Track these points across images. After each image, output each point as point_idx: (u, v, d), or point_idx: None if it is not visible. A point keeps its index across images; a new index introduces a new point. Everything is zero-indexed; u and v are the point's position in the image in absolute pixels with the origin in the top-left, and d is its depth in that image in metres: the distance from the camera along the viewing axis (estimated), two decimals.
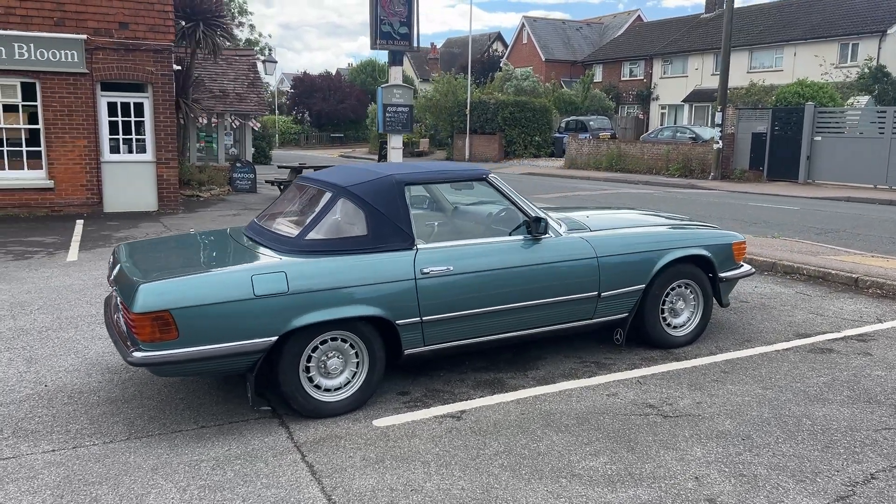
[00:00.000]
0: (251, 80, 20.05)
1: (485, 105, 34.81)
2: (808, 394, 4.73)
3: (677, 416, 4.41)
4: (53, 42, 13.52)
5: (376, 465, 3.87)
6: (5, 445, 4.15)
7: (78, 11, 13.70)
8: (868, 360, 5.36)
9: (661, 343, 5.61)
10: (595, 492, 3.56)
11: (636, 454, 3.95)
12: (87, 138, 14.14)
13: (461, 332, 4.80)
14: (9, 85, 13.57)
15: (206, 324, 4.07)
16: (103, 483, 3.71)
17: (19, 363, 5.50)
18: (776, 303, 7.01)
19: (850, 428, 4.22)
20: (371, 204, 4.63)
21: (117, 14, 13.97)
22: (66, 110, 13.93)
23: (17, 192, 13.85)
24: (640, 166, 26.01)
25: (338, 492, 3.60)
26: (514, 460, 3.89)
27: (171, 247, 5.26)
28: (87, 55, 13.80)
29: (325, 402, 4.46)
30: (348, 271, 4.42)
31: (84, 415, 4.56)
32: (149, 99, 14.56)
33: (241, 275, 4.22)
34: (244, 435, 4.27)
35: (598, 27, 54.89)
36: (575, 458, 3.92)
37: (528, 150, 34.63)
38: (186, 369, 4.18)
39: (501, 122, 34.11)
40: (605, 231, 5.45)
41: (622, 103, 45.27)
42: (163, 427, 4.39)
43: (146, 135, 14.70)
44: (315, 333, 4.36)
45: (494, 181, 5.13)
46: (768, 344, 5.76)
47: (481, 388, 4.92)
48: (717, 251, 5.71)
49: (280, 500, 3.53)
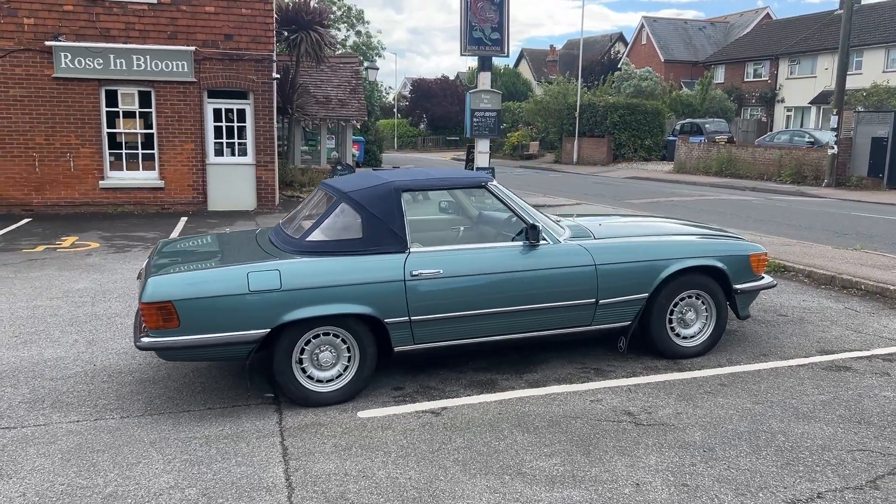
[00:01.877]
0: (353, 87, 20.89)
1: (594, 108, 34.40)
2: (798, 410, 4.62)
3: (650, 425, 4.45)
4: (166, 54, 14.74)
5: (343, 452, 4.17)
6: (41, 414, 4.77)
7: (188, 25, 14.87)
8: (882, 381, 5.12)
9: (669, 353, 5.59)
10: (531, 490, 3.70)
11: (589, 458, 4.04)
12: (195, 142, 15.31)
13: (451, 332, 5.02)
14: (128, 93, 14.93)
15: (205, 315, 4.51)
16: (105, 451, 4.22)
17: (81, 345, 6.20)
18: (816, 317, 6.75)
19: (823, 447, 4.12)
20: (367, 208, 4.94)
21: (223, 27, 15.05)
22: (177, 116, 15.14)
23: (133, 190, 15.20)
24: (751, 171, 24.95)
25: (298, 474, 3.93)
26: (469, 456, 4.09)
27: (200, 245, 5.78)
28: (195, 65, 14.95)
29: (317, 392, 4.81)
30: (340, 271, 4.75)
31: (114, 392, 5.14)
32: (250, 105, 15.57)
33: (239, 271, 4.64)
34: (240, 418, 4.69)
35: (723, 26, 52.79)
36: (528, 457, 4.06)
37: (639, 153, 33.92)
38: (187, 355, 4.65)
39: (610, 125, 33.61)
40: (609, 239, 5.50)
41: (744, 105, 43.35)
42: (175, 406, 4.89)
43: (247, 139, 15.71)
44: (307, 328, 4.72)
45: (494, 189, 5.30)
46: (784, 359, 5.61)
47: (472, 388, 5.12)
48: (731, 262, 5.61)
49: (245, 476, 3.91)
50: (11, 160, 14.49)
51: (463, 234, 6.10)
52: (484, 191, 5.36)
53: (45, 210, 14.67)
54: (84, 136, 14.76)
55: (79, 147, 14.77)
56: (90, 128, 14.75)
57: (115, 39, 14.51)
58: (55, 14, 14.23)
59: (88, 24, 14.37)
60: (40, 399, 5.01)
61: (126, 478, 3.90)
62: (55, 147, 14.65)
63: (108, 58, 14.47)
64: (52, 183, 14.75)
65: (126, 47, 14.52)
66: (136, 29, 14.63)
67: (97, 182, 14.95)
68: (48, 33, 14.23)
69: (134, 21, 14.60)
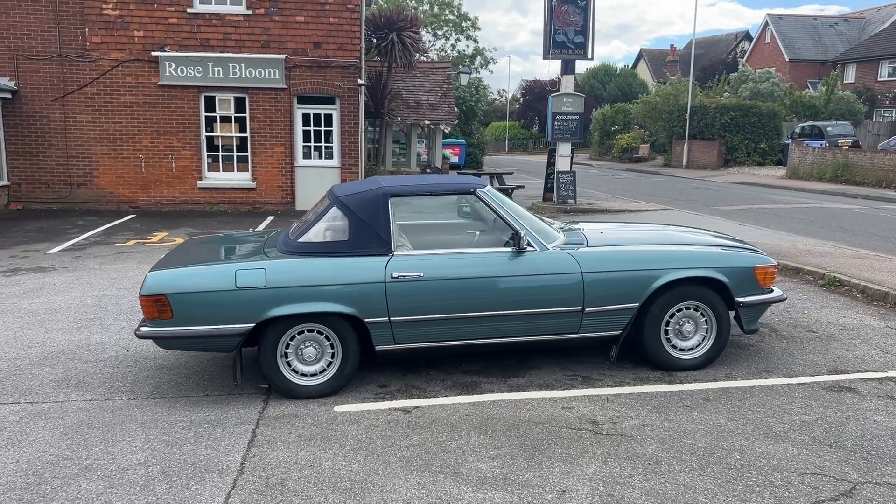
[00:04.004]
0: (444, 91, 21.25)
1: (705, 109, 33.16)
2: (771, 430, 4.45)
3: (609, 435, 4.42)
4: (260, 62, 15.63)
5: (304, 442, 4.43)
6: (62, 392, 5.31)
7: (280, 35, 15.69)
8: (881, 405, 4.82)
9: (664, 365, 5.48)
10: (458, 490, 3.81)
11: (530, 463, 4.09)
12: (284, 145, 16.13)
13: (432, 334, 5.17)
14: (224, 99, 15.94)
15: (196, 308, 4.89)
16: (100, 428, 4.67)
17: (126, 332, 6.79)
18: (848, 335, 6.37)
19: (776, 468, 3.96)
20: (355, 212, 5.18)
21: (312, 35, 15.77)
22: (268, 121, 16.01)
23: (227, 191, 16.21)
24: (868, 178, 23.32)
25: (254, 459, 4.21)
26: (416, 454, 4.23)
27: (213, 242, 6.20)
28: (286, 72, 15.76)
29: (301, 385, 5.09)
30: (323, 271, 5.01)
31: (132, 375, 5.64)
32: (337, 110, 16.23)
33: (229, 269, 4.99)
34: (229, 405, 5.04)
35: (858, 23, 49.43)
36: (472, 458, 4.16)
37: (752, 157, 32.39)
38: (180, 344, 5.05)
39: (721, 127, 32.30)
40: (601, 247, 5.46)
41: (877, 107, 40.43)
42: (178, 391, 5.31)
43: (333, 142, 16.38)
44: (291, 324, 5.01)
45: (483, 195, 5.40)
46: (788, 376, 5.37)
47: (453, 389, 5.24)
48: (733, 274, 5.43)
49: (206, 458, 4.23)
50: (121, 161, 15.81)
51: (479, 238, 6.20)
52: (471, 197, 5.46)
53: (149, 207, 15.90)
54: (185, 139, 15.88)
55: (180, 149, 15.91)
56: (190, 131, 15.86)
57: (213, 49, 15.54)
58: (162, 27, 15.41)
59: (190, 36, 15.46)
60: (68, 378, 5.57)
61: (106, 453, 4.32)
62: (159, 149, 15.85)
63: (207, 66, 15.50)
64: (155, 182, 15.96)
65: (223, 56, 15.51)
66: (233, 39, 15.60)
67: (195, 182, 16.05)
68: (155, 44, 15.43)
69: (231, 31, 15.57)
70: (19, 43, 15.18)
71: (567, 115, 16.34)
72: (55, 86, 15.39)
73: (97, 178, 15.81)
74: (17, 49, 15.18)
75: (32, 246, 11.45)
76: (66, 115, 15.51)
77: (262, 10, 15.55)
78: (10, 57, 15.20)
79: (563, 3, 16.32)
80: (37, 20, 15.14)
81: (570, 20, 16.42)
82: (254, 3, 15.52)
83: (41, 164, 15.65)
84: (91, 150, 15.69)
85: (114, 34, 15.33)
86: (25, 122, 15.45)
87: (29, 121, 15.45)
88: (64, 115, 15.51)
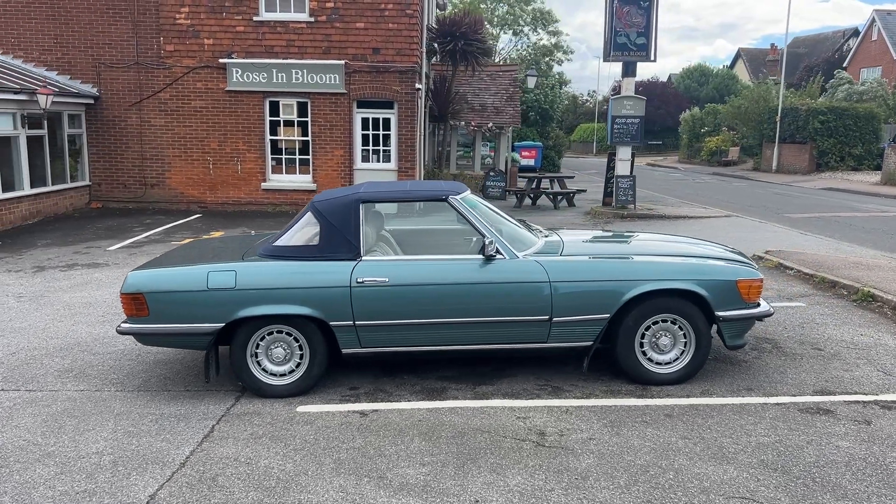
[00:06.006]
0: (510, 94, 21.17)
1: (796, 112, 31.64)
2: (722, 451, 4.27)
3: (550, 447, 4.36)
4: (321, 67, 16.08)
5: (253, 440, 4.58)
6: (61, 382, 5.68)
7: (341, 41, 16.08)
8: (853, 429, 4.53)
9: (639, 378, 5.34)
10: (375, 494, 3.86)
11: (458, 471, 4.09)
12: (343, 148, 16.52)
13: (398, 339, 5.23)
14: (287, 104, 16.47)
15: (170, 306, 5.14)
16: (77, 418, 4.97)
17: None
18: (854, 355, 5.99)
19: (706, 490, 3.81)
20: (327, 218, 5.30)
21: (371, 41, 16.08)
22: (329, 125, 16.45)
23: (289, 192, 16.74)
24: None
25: (200, 454, 4.39)
26: (352, 456, 4.31)
27: (205, 245, 6.46)
28: (345, 77, 16.14)
29: (269, 384, 5.25)
30: (291, 275, 5.16)
31: (128, 369, 5.96)
32: (394, 114, 16.49)
33: (201, 270, 5.21)
34: (202, 401, 5.25)
35: None
36: (403, 464, 4.20)
37: (846, 162, 30.66)
38: (156, 340, 5.31)
39: (812, 130, 30.73)
40: (573, 257, 5.36)
41: None
42: (162, 386, 5.58)
43: (391, 146, 16.65)
44: (260, 325, 5.19)
45: (454, 202, 5.40)
46: (767, 395, 5.12)
47: (419, 394, 5.28)
48: (713, 287, 5.23)
49: (158, 451, 4.44)
50: (191, 163, 16.60)
51: (464, 245, 6.21)
52: (443, 205, 5.48)
53: (216, 207, 16.62)
54: (250, 142, 16.52)
55: (245, 152, 16.56)
56: (255, 135, 16.48)
57: (277, 55, 16.10)
58: (230, 34, 16.09)
59: (255, 43, 16.07)
60: (71, 369, 5.95)
61: (72, 441, 4.60)
62: (226, 152, 16.55)
63: (272, 72, 16.07)
64: (222, 184, 16.67)
65: (286, 62, 16.05)
66: (296, 45, 16.10)
67: (259, 184, 16.66)
68: (223, 51, 16.13)
69: (294, 38, 16.08)
70: (101, 52, 16.20)
71: (627, 118, 16.00)
72: (132, 92, 16.32)
73: (169, 178, 16.66)
74: (99, 57, 16.20)
75: (96, 243, 12.21)
76: (142, 120, 16.42)
77: (323, 17, 15.98)
78: (94, 65, 16.23)
79: (624, 4, 16.00)
80: (117, 30, 16.11)
81: (632, 21, 16.07)
82: (316, 10, 15.97)
83: (119, 165, 16.63)
84: (163, 152, 16.55)
85: (185, 42, 16.12)
86: (105, 126, 16.46)
87: (109, 125, 16.45)
88: (140, 120, 16.42)
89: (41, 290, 8.75)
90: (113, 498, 3.87)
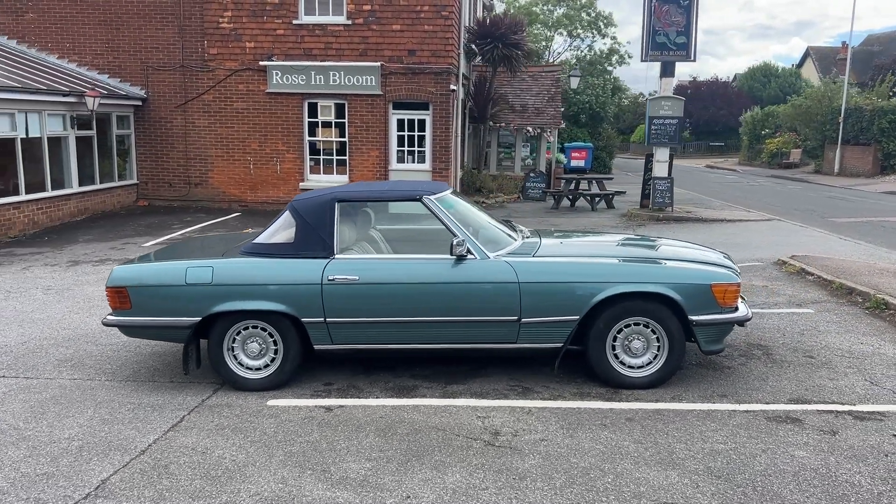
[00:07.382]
0: (551, 95, 21.01)
1: (861, 112, 30.45)
2: (671, 456, 4.20)
3: (498, 447, 4.37)
4: (358, 69, 16.32)
5: (216, 430, 4.72)
6: (58, 371, 5.95)
7: (377, 43, 16.29)
8: (816, 439, 4.38)
9: (611, 381, 5.28)
10: (312, 486, 3.94)
11: (400, 467, 4.14)
12: (379, 149, 16.72)
13: (369, 337, 5.31)
14: (325, 105, 16.77)
15: (151, 300, 5.34)
16: (63, 405, 5.21)
17: None
18: (846, 363, 5.76)
19: (638, 495, 3.75)
20: (303, 217, 5.42)
21: (407, 43, 16.24)
22: (365, 126, 16.67)
23: None
24: None
25: (161, 443, 4.55)
26: (303, 449, 4.40)
27: (197, 242, 6.66)
28: (382, 79, 16.34)
29: (245, 378, 5.40)
30: (265, 271, 5.30)
31: (122, 360, 6.21)
32: (430, 116, 16.60)
33: (181, 266, 5.40)
34: (182, 392, 5.44)
35: None
36: (350, 459, 4.27)
37: None
38: (139, 333, 5.52)
39: (877, 131, 29.51)
40: (544, 258, 5.33)
41: None
42: (150, 377, 5.79)
43: (426, 147, 16.77)
44: (236, 320, 5.34)
45: (429, 203, 5.44)
46: (738, 402, 4.99)
47: (389, 391, 5.34)
48: (685, 291, 5.12)
49: (124, 439, 4.63)
50: (233, 163, 17.07)
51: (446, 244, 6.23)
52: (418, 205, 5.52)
53: (255, 206, 17.04)
54: (289, 143, 16.88)
55: (284, 153, 16.93)
56: (294, 136, 16.84)
57: (315, 58, 16.41)
58: (270, 38, 16.48)
59: (295, 46, 16.42)
60: (70, 359, 6.23)
61: (49, 426, 4.84)
62: (266, 152, 16.95)
63: (310, 74, 16.39)
64: (262, 183, 17.08)
65: (324, 65, 16.34)
66: (333, 48, 16.38)
67: (298, 183, 17.00)
68: (263, 54, 16.52)
69: (332, 41, 16.36)
70: (149, 55, 16.81)
71: (665, 119, 15.72)
72: (177, 94, 16.88)
73: (211, 178, 17.17)
74: (147, 60, 16.82)
75: (133, 239, 12.69)
76: (186, 121, 16.96)
77: (360, 20, 16.21)
78: (142, 68, 16.86)
79: (664, 3, 15.72)
80: (164, 35, 16.69)
81: (671, 20, 15.78)
82: (353, 13, 16.22)
83: (165, 164, 17.22)
84: (206, 152, 17.06)
85: (228, 45, 16.58)
86: (152, 127, 17.06)
87: (155, 126, 17.05)
88: (184, 121, 16.97)
89: (69, 284, 9.16)
90: (68, 481, 4.06)
